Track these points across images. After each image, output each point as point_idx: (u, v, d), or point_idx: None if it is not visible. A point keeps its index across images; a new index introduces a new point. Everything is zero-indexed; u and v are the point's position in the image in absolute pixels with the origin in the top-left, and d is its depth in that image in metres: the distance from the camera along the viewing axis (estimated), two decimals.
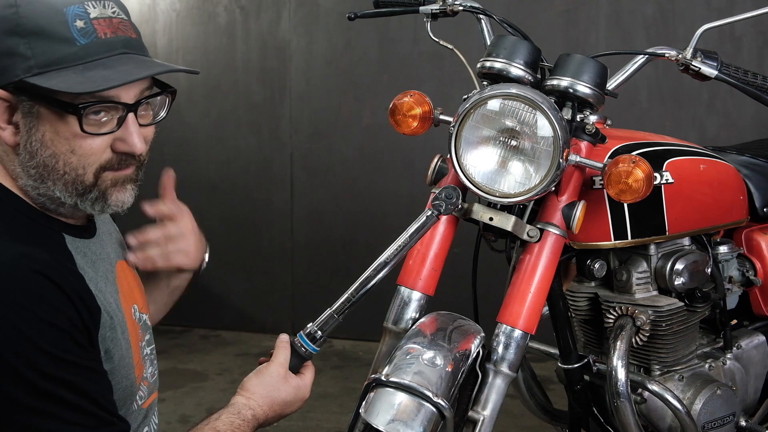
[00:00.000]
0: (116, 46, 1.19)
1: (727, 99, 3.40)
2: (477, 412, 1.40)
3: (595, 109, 1.52)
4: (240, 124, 4.09)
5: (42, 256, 1.14)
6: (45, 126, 1.17)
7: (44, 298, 1.11)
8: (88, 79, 1.14)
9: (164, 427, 2.99)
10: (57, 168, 1.19)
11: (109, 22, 1.18)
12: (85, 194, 1.22)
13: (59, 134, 1.17)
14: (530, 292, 1.45)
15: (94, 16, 1.17)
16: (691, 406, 1.69)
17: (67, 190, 1.21)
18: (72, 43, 1.15)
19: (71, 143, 1.18)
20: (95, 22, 1.17)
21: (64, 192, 1.21)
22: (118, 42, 1.19)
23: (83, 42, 1.16)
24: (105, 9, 1.19)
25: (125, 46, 1.20)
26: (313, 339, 1.35)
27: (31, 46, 1.14)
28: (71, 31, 1.15)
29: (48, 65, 1.14)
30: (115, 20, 1.19)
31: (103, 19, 1.18)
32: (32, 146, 1.18)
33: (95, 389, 1.15)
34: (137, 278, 1.46)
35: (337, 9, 3.84)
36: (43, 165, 1.18)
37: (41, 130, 1.17)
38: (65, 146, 1.18)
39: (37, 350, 1.09)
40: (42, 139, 1.17)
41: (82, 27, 1.16)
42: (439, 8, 1.76)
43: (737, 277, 1.91)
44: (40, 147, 1.18)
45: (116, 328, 1.26)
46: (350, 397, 3.22)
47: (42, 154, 1.18)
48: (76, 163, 1.19)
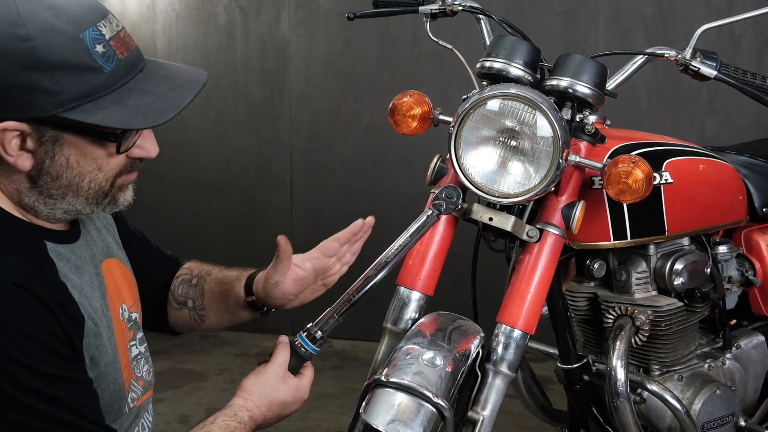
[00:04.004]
0: (134, 64, 1.19)
1: (726, 99, 3.40)
2: (477, 412, 1.40)
3: (595, 109, 1.52)
4: (240, 124, 4.09)
5: (21, 267, 1.13)
6: (70, 150, 1.17)
7: (23, 310, 1.09)
8: (136, 111, 1.14)
9: (163, 428, 2.99)
10: (82, 185, 1.20)
11: (119, 39, 1.17)
12: (102, 201, 1.23)
13: (86, 156, 1.18)
14: (530, 293, 1.45)
15: (109, 36, 1.16)
16: (690, 406, 1.69)
17: (89, 202, 1.22)
18: (100, 72, 1.14)
19: (99, 162, 1.19)
20: (112, 43, 1.16)
21: (85, 204, 1.22)
22: (134, 59, 1.19)
23: (109, 68, 1.14)
24: (112, 24, 1.18)
25: (138, 59, 1.20)
26: (313, 339, 1.35)
27: (57, 80, 1.11)
28: (96, 60, 1.13)
29: (80, 98, 1.12)
30: (121, 34, 1.18)
31: (116, 38, 1.17)
32: (56, 170, 1.17)
33: (78, 401, 1.14)
34: (128, 275, 1.44)
35: (336, 9, 3.84)
36: (68, 185, 1.19)
37: (65, 155, 1.17)
38: (92, 165, 1.19)
39: (17, 364, 1.07)
40: (67, 163, 1.17)
41: (104, 52, 1.14)
42: (439, 8, 1.76)
43: (736, 277, 1.91)
44: (65, 170, 1.18)
45: (101, 334, 1.24)
46: (350, 397, 3.22)
47: (67, 175, 1.18)
48: (101, 178, 1.21)
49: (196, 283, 1.61)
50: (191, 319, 1.61)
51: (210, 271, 1.63)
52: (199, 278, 1.61)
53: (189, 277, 1.62)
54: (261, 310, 1.57)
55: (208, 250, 4.05)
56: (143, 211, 1.61)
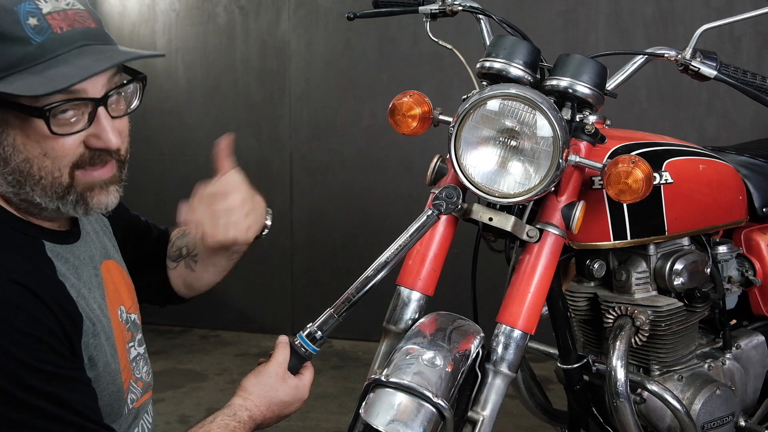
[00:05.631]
0: (75, 39, 1.13)
1: (726, 99, 3.40)
2: (476, 412, 1.40)
3: (595, 110, 1.52)
4: (239, 125, 4.09)
5: (20, 265, 1.12)
6: (15, 131, 1.13)
7: (22, 308, 1.09)
8: (48, 79, 1.09)
9: (163, 428, 2.99)
10: (32, 173, 1.15)
11: (64, 15, 1.13)
12: (65, 196, 1.18)
13: (29, 138, 1.13)
14: (530, 293, 1.45)
15: (47, 11, 1.12)
16: (690, 406, 1.69)
17: (46, 195, 1.17)
18: (27, 43, 1.10)
19: (42, 146, 1.14)
20: (49, 17, 1.11)
21: (43, 197, 1.17)
22: (76, 35, 1.13)
23: (38, 40, 1.10)
24: (58, 2, 1.13)
25: (84, 37, 1.14)
26: (313, 339, 1.35)
27: None
28: (25, 30, 1.10)
29: (6, 69, 1.09)
30: (70, 12, 1.14)
31: (57, 13, 1.12)
32: (5, 152, 1.14)
33: (77, 399, 1.14)
34: (126, 277, 1.44)
35: (336, 9, 3.84)
36: (18, 171, 1.15)
37: (11, 135, 1.13)
38: (37, 150, 1.14)
39: (16, 362, 1.07)
40: (14, 144, 1.14)
41: (36, 24, 1.10)
42: (439, 8, 1.76)
43: (736, 277, 1.91)
44: (12, 153, 1.14)
45: (99, 334, 1.24)
46: (350, 398, 3.22)
47: (15, 159, 1.14)
48: (51, 166, 1.15)
49: (184, 233, 1.57)
50: (187, 268, 1.56)
51: None
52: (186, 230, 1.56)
53: (179, 233, 1.59)
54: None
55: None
56: (143, 211, 1.60)
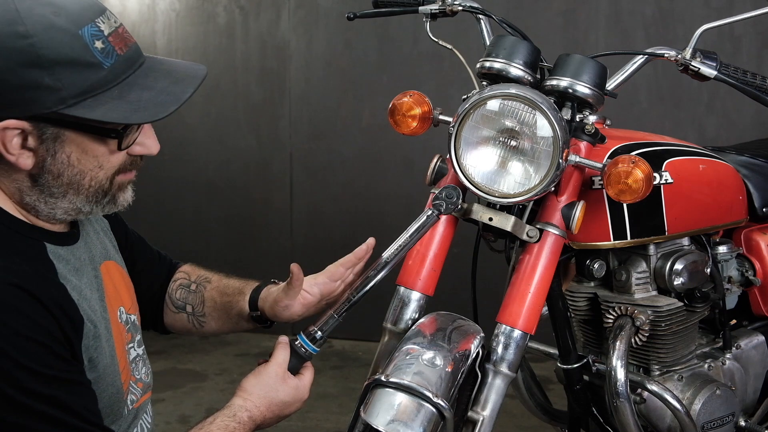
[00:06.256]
0: (134, 59, 1.19)
1: (726, 99, 3.40)
2: (477, 412, 1.40)
3: (595, 110, 1.52)
4: (239, 125, 4.09)
5: (21, 269, 1.13)
6: (71, 147, 1.17)
7: (23, 312, 1.09)
8: (137, 106, 1.15)
9: (163, 428, 2.99)
10: (83, 183, 1.20)
11: (118, 35, 1.18)
12: (102, 200, 1.23)
13: (87, 153, 1.18)
14: (530, 293, 1.45)
15: (108, 32, 1.16)
16: (690, 406, 1.69)
17: (88, 201, 1.22)
18: (99, 68, 1.14)
19: (100, 159, 1.19)
20: (110, 39, 1.16)
21: (85, 203, 1.22)
22: (133, 54, 1.19)
23: (108, 64, 1.15)
24: (110, 21, 1.18)
25: (138, 55, 1.21)
26: (313, 339, 1.35)
27: (57, 77, 1.11)
28: (95, 55, 1.13)
29: (81, 94, 1.13)
30: (120, 30, 1.19)
31: (114, 34, 1.17)
32: (57, 168, 1.17)
33: (78, 402, 1.14)
34: (125, 277, 1.44)
35: (336, 9, 3.84)
36: (69, 183, 1.19)
37: (66, 152, 1.17)
38: (93, 163, 1.19)
39: (17, 366, 1.07)
40: (68, 160, 1.17)
41: (103, 47, 1.14)
42: (439, 8, 1.75)
43: (736, 277, 1.91)
44: (66, 167, 1.18)
45: (100, 336, 1.25)
46: (350, 398, 3.22)
47: (69, 173, 1.18)
48: (102, 176, 1.21)
49: (195, 289, 1.61)
50: (190, 323, 1.62)
51: (209, 278, 1.63)
52: (198, 284, 1.62)
53: (187, 282, 1.62)
54: (265, 324, 1.59)
55: (208, 250, 4.06)
56: (143, 211, 1.61)
